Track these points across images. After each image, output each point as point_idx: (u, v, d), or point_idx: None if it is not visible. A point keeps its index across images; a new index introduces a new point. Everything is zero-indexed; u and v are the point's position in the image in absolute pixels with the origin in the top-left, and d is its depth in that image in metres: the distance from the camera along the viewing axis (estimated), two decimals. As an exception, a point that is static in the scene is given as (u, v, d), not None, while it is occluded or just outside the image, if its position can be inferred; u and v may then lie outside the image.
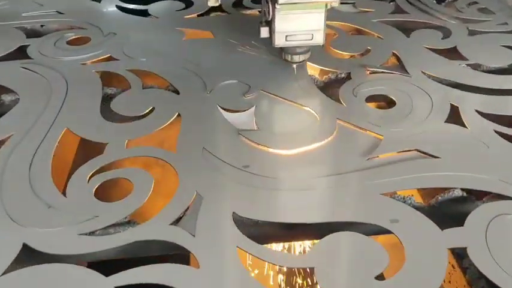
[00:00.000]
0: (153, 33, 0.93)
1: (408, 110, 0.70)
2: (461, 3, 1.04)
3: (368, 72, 0.80)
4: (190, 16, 1.01)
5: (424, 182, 0.58)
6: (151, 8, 1.03)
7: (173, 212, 0.55)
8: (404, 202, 0.56)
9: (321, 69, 0.83)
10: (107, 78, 0.81)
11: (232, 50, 0.88)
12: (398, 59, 0.84)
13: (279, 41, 0.74)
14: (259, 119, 0.69)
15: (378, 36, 0.91)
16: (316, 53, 0.85)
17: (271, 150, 0.64)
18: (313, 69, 0.83)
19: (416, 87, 0.75)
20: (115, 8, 1.04)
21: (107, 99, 0.75)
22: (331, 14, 0.98)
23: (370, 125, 0.67)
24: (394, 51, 0.85)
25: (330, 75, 0.81)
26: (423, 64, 0.81)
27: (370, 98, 0.74)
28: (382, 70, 0.80)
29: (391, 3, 1.05)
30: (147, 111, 0.71)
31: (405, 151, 0.62)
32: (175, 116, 0.70)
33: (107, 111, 0.72)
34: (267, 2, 0.73)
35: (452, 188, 0.57)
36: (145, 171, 0.59)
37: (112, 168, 0.61)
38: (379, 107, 0.75)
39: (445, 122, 0.67)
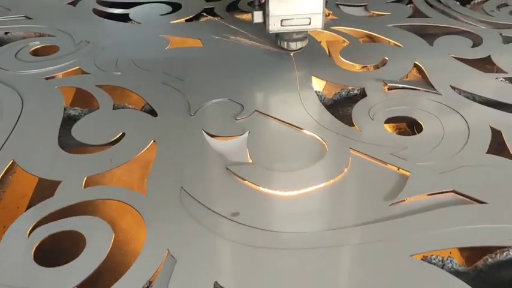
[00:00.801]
0: (133, 42, 0.80)
1: (439, 137, 0.56)
2: (490, 6, 0.91)
3: (386, 88, 0.66)
4: (177, 21, 0.87)
5: (467, 238, 0.44)
6: (133, 12, 0.90)
7: (137, 279, 0.41)
8: (443, 266, 0.42)
9: (329, 84, 0.70)
10: (72, 95, 0.67)
11: (224, 61, 0.74)
12: (421, 71, 0.70)
13: (274, 26, 0.68)
14: (253, 149, 0.56)
15: (395, 44, 0.77)
16: (322, 64, 0.72)
17: (267, 190, 0.50)
18: (319, 84, 0.69)
19: (447, 107, 0.61)
20: (92, 12, 0.90)
21: (68, 123, 0.62)
22: (340, 18, 0.85)
23: (392, 158, 0.53)
24: (416, 62, 0.71)
25: (340, 91, 0.67)
26: (452, 77, 0.68)
27: (391, 121, 0.60)
28: (403, 85, 0.66)
29: (409, 5, 0.91)
30: (115, 138, 0.58)
31: (439, 193, 0.49)
32: (150, 143, 0.57)
33: (66, 138, 0.59)
34: None
35: (506, 247, 0.43)
36: (103, 221, 0.46)
37: (65, 214, 0.48)
38: (402, 132, 0.61)
39: (487, 152, 0.54)
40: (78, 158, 0.55)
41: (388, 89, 0.66)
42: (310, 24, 0.68)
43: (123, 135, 0.58)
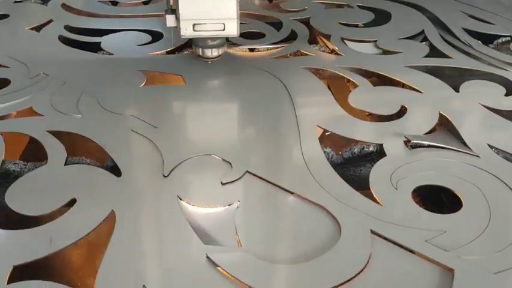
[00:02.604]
0: (101, 77, 0.66)
1: (485, 217, 0.43)
2: (517, 45, 0.79)
3: (409, 145, 0.53)
4: (156, 53, 0.74)
5: None
6: (105, 41, 0.77)
7: None
8: None
9: (338, 137, 0.57)
10: (16, 145, 0.54)
11: (210, 104, 0.62)
12: (448, 123, 0.58)
13: (186, 31, 0.64)
14: (243, 227, 0.42)
15: (413, 89, 0.65)
16: (328, 110, 0.59)
17: (261, 293, 0.36)
18: (328, 139, 0.56)
19: (490, 175, 0.48)
20: (57, 40, 0.77)
21: (6, 181, 0.48)
22: (347, 55, 0.73)
23: (428, 247, 0.40)
24: (442, 112, 0.59)
25: (351, 147, 0.54)
26: (487, 133, 0.55)
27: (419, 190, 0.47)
28: (428, 143, 0.53)
29: (424, 42, 0.80)
30: (61, 205, 0.44)
31: (498, 305, 0.35)
32: (108, 214, 0.43)
33: (2, 203, 0.45)
34: None
35: None
36: None
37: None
38: (427, 207, 0.47)
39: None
40: (6, 235, 0.41)
41: (412, 147, 0.53)
42: (224, 30, 0.64)
43: (72, 201, 0.44)
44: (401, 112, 0.60)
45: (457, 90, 0.65)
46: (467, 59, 0.74)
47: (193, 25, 0.64)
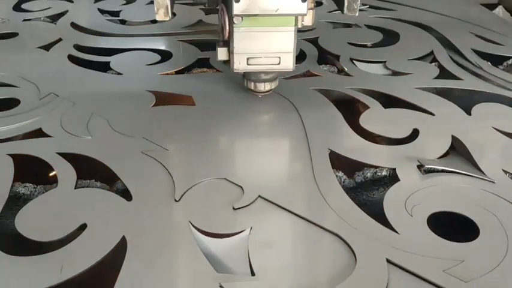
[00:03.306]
0: (111, 97, 0.66)
1: (503, 247, 0.42)
2: (527, 67, 0.79)
3: (422, 169, 0.53)
4: (166, 73, 0.74)
5: None
6: (114, 60, 0.77)
7: None
8: None
9: (349, 161, 0.56)
10: (25, 167, 0.53)
11: (221, 125, 0.61)
12: (462, 147, 0.57)
13: (239, 65, 0.61)
14: (256, 255, 0.41)
15: (425, 111, 0.64)
16: (340, 133, 0.59)
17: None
18: (340, 163, 0.55)
19: (506, 202, 0.47)
20: (66, 59, 0.77)
21: (16, 204, 0.48)
22: (356, 76, 0.73)
23: (446, 277, 0.39)
24: (455, 136, 0.58)
25: (363, 171, 0.54)
26: (502, 158, 0.55)
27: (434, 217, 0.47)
28: (442, 167, 0.53)
29: (433, 63, 0.79)
30: (71, 230, 0.43)
31: None
32: (119, 241, 0.42)
33: (10, 226, 0.45)
34: (222, 14, 0.58)
35: None
36: None
37: None
38: (442, 231, 0.46)
39: None
40: (13, 262, 0.40)
41: (425, 171, 0.53)
42: (279, 63, 0.61)
43: (83, 227, 0.44)
44: (414, 135, 0.59)
45: (468, 112, 0.64)
46: (478, 81, 0.74)
47: (248, 59, 0.60)
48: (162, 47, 0.82)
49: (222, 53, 0.62)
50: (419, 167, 0.53)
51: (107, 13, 0.97)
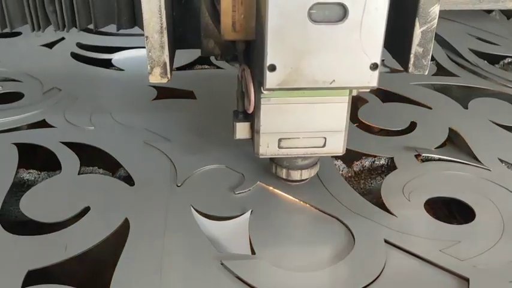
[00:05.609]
0: (113, 91, 0.67)
1: (498, 229, 0.43)
2: (523, 65, 0.80)
3: (420, 158, 0.54)
4: (167, 69, 0.75)
5: None
6: (116, 57, 0.78)
7: None
8: None
9: (348, 151, 0.57)
10: (29, 155, 0.54)
11: (220, 117, 0.62)
12: (459, 139, 0.58)
13: (266, 149, 0.43)
14: (256, 236, 0.42)
15: (423, 105, 0.65)
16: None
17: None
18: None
19: (502, 188, 0.48)
20: (69, 57, 0.78)
21: (20, 190, 0.48)
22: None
23: (443, 256, 0.40)
24: (452, 128, 0.59)
25: (362, 161, 0.55)
26: (498, 148, 0.55)
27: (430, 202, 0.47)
28: (439, 156, 0.54)
29: (431, 62, 0.80)
30: (75, 213, 0.44)
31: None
32: (121, 222, 0.43)
33: (14, 210, 0.45)
34: (244, 76, 0.42)
35: None
36: None
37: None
38: (439, 216, 0.47)
39: None
40: (21, 241, 0.41)
41: (422, 160, 0.54)
42: (325, 146, 0.44)
43: (86, 209, 0.45)
44: (411, 127, 0.60)
45: (465, 107, 0.65)
46: (475, 78, 0.75)
47: (279, 140, 0.43)
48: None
49: (241, 131, 0.46)
50: (417, 156, 0.54)
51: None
